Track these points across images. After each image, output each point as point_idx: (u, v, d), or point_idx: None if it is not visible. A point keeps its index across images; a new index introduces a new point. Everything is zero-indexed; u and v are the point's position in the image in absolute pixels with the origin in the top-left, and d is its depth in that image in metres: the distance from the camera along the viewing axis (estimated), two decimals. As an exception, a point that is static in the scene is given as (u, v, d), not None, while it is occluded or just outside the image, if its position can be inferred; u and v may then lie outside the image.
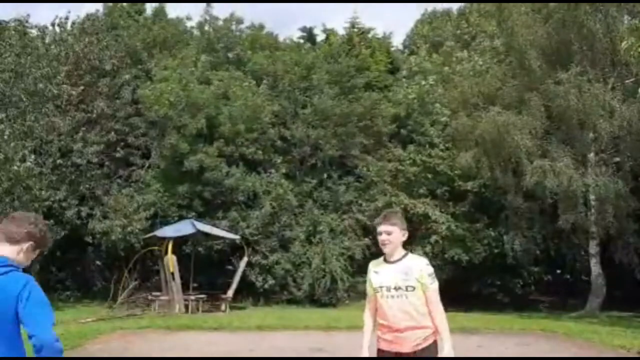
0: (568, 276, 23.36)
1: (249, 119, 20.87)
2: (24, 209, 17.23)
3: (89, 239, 19.45)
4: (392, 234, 3.67)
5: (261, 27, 26.41)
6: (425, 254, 16.73)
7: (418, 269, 3.62)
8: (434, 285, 3.62)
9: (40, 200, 17.87)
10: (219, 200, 20.65)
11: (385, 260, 3.73)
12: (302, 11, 54.57)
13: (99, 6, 25.49)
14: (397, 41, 32.52)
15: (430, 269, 3.65)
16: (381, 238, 3.69)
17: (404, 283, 3.58)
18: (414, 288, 3.57)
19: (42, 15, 55.79)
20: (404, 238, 3.73)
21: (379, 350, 3.71)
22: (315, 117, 22.03)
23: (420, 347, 3.57)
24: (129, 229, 19.00)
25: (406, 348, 3.57)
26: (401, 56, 28.04)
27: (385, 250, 3.70)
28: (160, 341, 10.26)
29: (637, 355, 9.44)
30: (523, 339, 11.10)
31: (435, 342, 3.62)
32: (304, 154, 22.38)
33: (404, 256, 3.71)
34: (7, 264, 2.62)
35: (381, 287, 3.65)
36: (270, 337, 10.91)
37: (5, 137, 15.83)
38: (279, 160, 21.79)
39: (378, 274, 3.72)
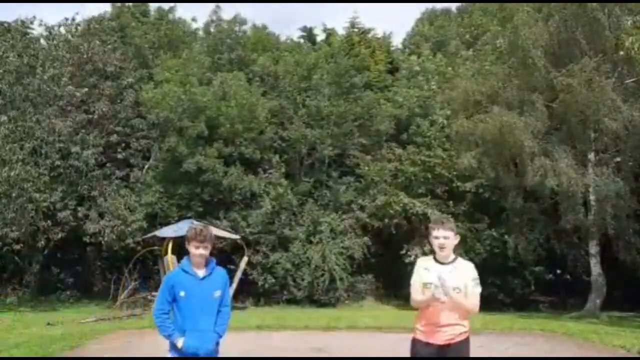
0: (568, 276, 23.30)
1: (246, 118, 20.86)
2: (21, 210, 17.25)
3: (87, 240, 19.44)
4: (449, 238, 4.05)
5: (264, 27, 26.37)
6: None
7: (464, 273, 3.99)
8: (475, 290, 3.96)
9: (37, 201, 17.83)
10: (217, 200, 20.63)
11: (437, 261, 4.08)
12: (302, 11, 54.57)
13: (104, 7, 25.49)
14: (397, 41, 32.32)
15: (475, 274, 4.01)
16: (439, 242, 4.05)
17: (450, 284, 3.91)
18: (459, 290, 3.91)
19: (43, 16, 55.64)
20: (456, 242, 4.13)
21: (413, 339, 4.11)
22: (312, 117, 22.01)
23: (454, 341, 3.94)
24: (120, 228, 18.96)
25: (440, 340, 3.94)
26: (401, 56, 27.92)
27: (442, 253, 4.06)
28: (160, 341, 10.24)
29: (637, 355, 9.43)
30: (523, 339, 11.09)
31: (467, 339, 3.99)
32: (302, 154, 22.37)
33: (454, 260, 4.09)
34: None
35: (431, 283, 3.95)
36: (270, 337, 10.90)
37: (0, 141, 15.77)
38: (277, 160, 21.76)
39: (429, 270, 4.03)
